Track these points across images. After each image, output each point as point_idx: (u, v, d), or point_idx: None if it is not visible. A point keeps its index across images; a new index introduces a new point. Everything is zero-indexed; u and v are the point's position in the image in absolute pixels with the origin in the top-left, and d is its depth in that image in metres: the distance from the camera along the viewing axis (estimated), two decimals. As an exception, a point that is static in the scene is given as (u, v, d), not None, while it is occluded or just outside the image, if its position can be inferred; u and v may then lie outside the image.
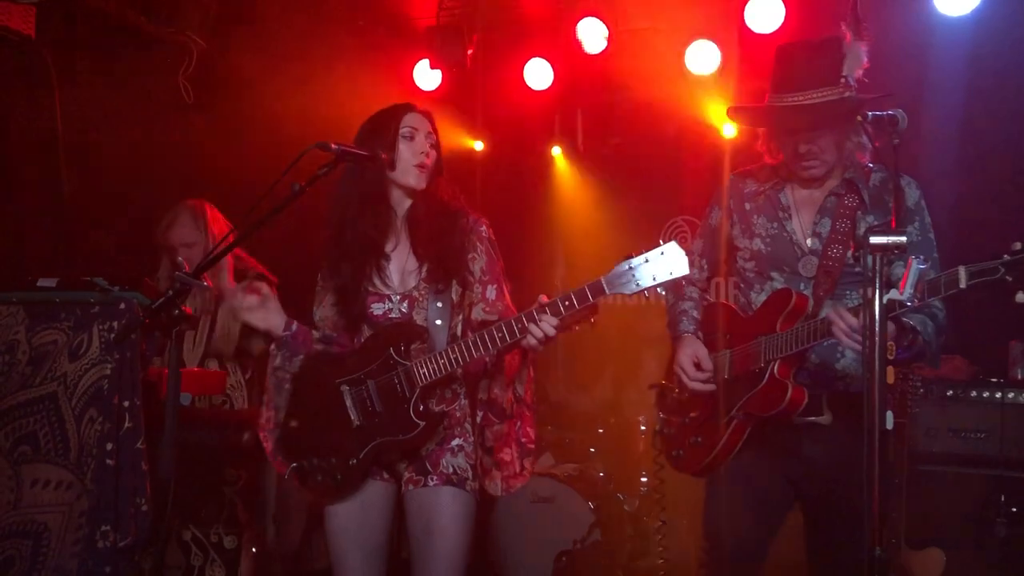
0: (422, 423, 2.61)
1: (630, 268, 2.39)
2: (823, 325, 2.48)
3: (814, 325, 2.51)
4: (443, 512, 2.65)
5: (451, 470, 2.68)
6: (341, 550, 2.73)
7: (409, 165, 2.76)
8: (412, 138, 2.77)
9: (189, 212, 3.91)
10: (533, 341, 2.50)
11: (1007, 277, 2.18)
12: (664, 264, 2.37)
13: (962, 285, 2.23)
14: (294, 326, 2.80)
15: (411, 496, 2.70)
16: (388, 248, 2.80)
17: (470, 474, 2.69)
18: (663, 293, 2.42)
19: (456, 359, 2.58)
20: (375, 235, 2.77)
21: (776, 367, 2.59)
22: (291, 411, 2.76)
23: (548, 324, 2.48)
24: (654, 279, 2.37)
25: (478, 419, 2.74)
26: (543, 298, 2.53)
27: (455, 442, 2.71)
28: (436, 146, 2.84)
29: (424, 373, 2.61)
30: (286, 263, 3.94)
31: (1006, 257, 2.19)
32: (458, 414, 2.74)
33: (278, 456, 2.76)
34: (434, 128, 2.85)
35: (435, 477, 2.68)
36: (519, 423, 2.75)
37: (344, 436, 2.66)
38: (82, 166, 4.69)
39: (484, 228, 2.81)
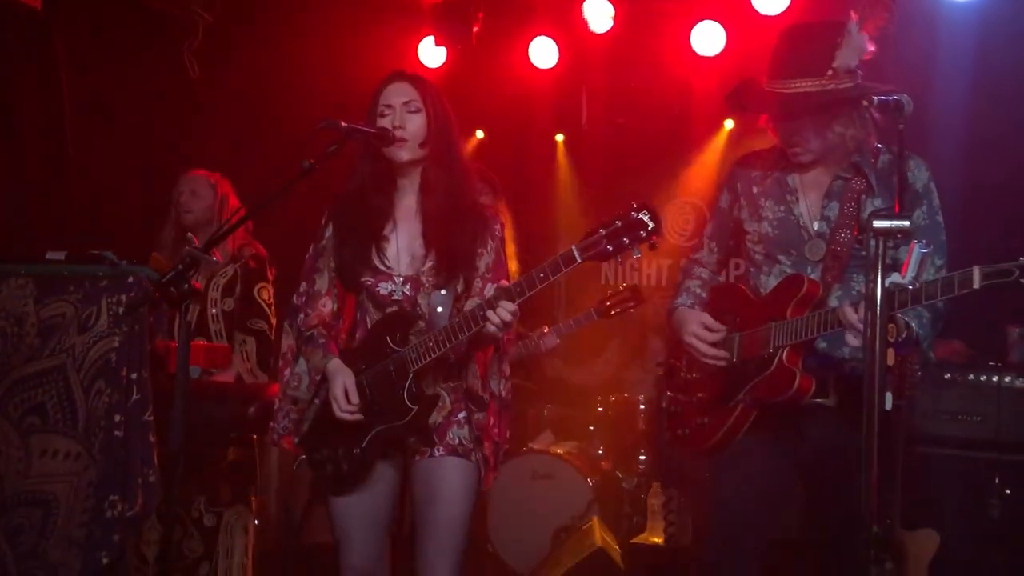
0: (415, 407, 2.63)
1: (601, 234, 2.31)
2: (833, 316, 2.49)
3: (824, 316, 2.52)
4: (447, 482, 2.69)
5: (457, 441, 2.72)
6: (345, 523, 2.76)
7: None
8: (386, 115, 2.70)
9: (204, 182, 3.92)
10: (491, 328, 2.48)
11: (1022, 280, 2.17)
12: (636, 227, 2.29)
13: (976, 286, 2.21)
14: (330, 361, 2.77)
15: (417, 467, 2.74)
16: (393, 227, 2.78)
17: (474, 445, 2.73)
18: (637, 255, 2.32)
19: (443, 342, 2.57)
20: (379, 213, 2.77)
21: (785, 354, 2.60)
22: (314, 413, 2.81)
23: (504, 310, 2.44)
24: (626, 242, 2.29)
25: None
26: (503, 282, 2.51)
27: (462, 414, 2.74)
28: (423, 111, 2.70)
29: (414, 358, 2.63)
30: (292, 243, 3.94)
31: (1022, 260, 2.17)
32: (464, 387, 2.76)
33: (299, 452, 2.83)
34: (423, 92, 2.72)
35: (441, 448, 2.71)
36: (494, 420, 2.76)
37: (348, 428, 2.70)
38: (88, 141, 4.70)
39: (499, 228, 2.79)
